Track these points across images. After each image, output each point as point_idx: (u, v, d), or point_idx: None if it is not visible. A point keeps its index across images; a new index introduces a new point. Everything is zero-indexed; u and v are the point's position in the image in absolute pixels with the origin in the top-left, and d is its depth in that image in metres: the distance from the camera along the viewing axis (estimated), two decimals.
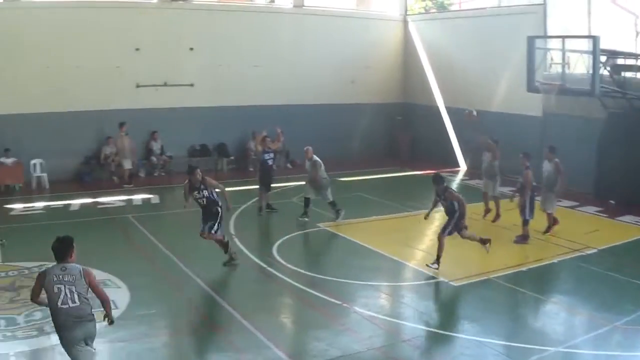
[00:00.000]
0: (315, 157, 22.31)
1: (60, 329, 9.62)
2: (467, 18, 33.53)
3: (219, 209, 17.11)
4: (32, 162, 28.12)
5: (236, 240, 19.90)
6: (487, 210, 22.42)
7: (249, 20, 32.61)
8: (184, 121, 30.89)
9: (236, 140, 32.62)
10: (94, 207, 24.88)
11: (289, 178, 22.58)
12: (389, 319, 14.26)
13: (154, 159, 30.34)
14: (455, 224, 17.09)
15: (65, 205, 25.17)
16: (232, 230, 21.05)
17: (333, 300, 15.06)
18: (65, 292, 9.55)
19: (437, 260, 16.81)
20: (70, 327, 9.52)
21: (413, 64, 35.75)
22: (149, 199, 26.35)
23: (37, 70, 27.96)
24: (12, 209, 24.48)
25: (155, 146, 30.56)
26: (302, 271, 17.20)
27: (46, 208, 24.88)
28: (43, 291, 9.81)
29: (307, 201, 22.41)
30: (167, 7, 30.74)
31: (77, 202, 25.50)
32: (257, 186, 23.71)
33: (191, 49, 30.95)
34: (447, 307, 15.33)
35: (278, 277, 16.91)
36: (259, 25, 32.57)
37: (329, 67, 33.88)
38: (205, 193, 16.88)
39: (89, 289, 9.83)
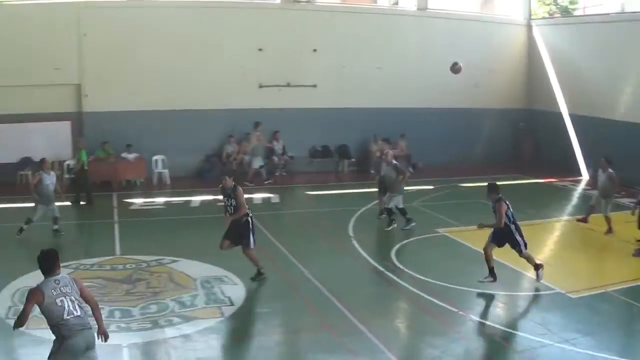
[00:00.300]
0: (395, 162, 22.13)
1: (64, 340, 9.33)
2: (592, 24, 32.83)
3: (249, 219, 16.21)
4: (154, 158, 29.02)
5: (354, 243, 20.14)
6: (583, 220, 21.99)
7: (372, 22, 32.79)
8: (306, 122, 31.22)
9: (358, 142, 32.79)
10: (214, 204, 25.21)
11: (410, 182, 22.42)
12: (504, 328, 14.16)
13: (275, 158, 30.63)
14: (520, 235, 16.63)
15: (185, 201, 25.89)
16: (350, 233, 21.27)
17: (450, 307, 15.00)
18: (68, 303, 9.35)
19: (538, 268, 16.51)
20: (74, 337, 9.31)
21: (537, 69, 35.13)
22: (269, 198, 26.71)
23: (161, 68, 28.83)
24: (132, 203, 25.32)
25: (277, 146, 30.87)
26: (420, 277, 17.12)
27: (166, 203, 25.68)
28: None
29: (402, 210, 21.83)
30: (290, 8, 31.19)
31: (197, 198, 26.15)
32: (377, 189, 23.67)
33: (314, 50, 31.25)
34: (562, 319, 15.05)
35: (395, 282, 16.99)
36: (382, 27, 32.64)
37: None
38: (234, 202, 16.03)
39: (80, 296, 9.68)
